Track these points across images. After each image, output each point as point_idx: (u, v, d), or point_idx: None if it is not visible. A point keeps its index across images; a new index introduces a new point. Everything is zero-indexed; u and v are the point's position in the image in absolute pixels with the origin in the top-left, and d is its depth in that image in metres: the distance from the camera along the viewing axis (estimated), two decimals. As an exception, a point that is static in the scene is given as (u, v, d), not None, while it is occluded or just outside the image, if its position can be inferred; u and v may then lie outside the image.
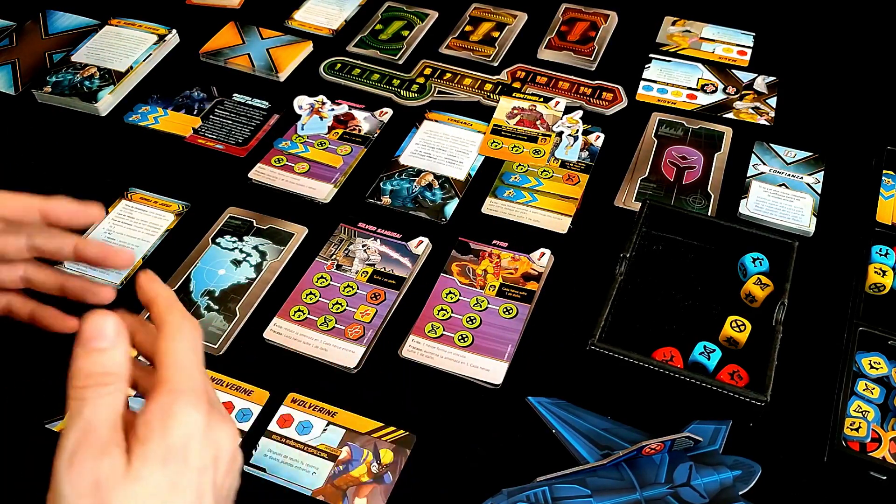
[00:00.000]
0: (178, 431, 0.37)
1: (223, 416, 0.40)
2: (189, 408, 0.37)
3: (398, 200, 0.77)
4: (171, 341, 0.41)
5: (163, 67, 0.93)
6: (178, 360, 0.40)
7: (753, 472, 0.57)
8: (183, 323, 0.42)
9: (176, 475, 0.36)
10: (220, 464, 0.38)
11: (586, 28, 0.96)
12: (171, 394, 0.38)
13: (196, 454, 0.37)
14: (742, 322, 0.63)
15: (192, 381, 0.39)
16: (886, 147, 0.79)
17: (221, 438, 0.38)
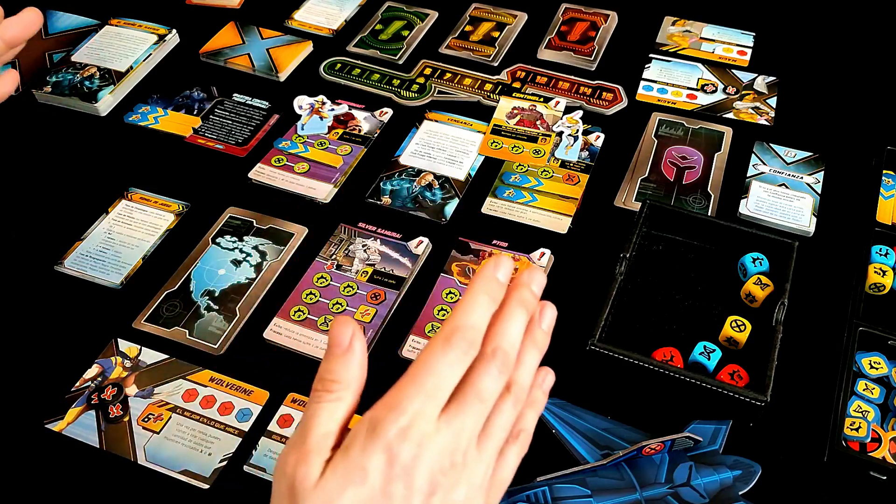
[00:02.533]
0: (373, 455, 0.36)
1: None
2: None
3: (398, 200, 0.77)
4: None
5: (163, 67, 0.93)
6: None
7: (753, 472, 0.57)
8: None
9: (358, 493, 0.35)
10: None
11: (586, 28, 0.96)
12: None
13: (380, 476, 0.35)
14: (742, 322, 0.63)
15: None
16: (886, 147, 0.79)
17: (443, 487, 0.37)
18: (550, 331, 0.42)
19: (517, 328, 0.40)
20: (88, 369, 0.65)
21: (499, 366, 0.38)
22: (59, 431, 0.61)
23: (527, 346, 0.41)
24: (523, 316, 0.40)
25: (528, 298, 0.41)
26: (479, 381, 0.38)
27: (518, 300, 0.40)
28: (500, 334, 0.39)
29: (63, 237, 0.74)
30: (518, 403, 0.40)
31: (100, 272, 0.72)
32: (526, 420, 0.42)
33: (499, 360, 0.39)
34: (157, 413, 0.62)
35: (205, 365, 0.65)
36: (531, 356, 0.41)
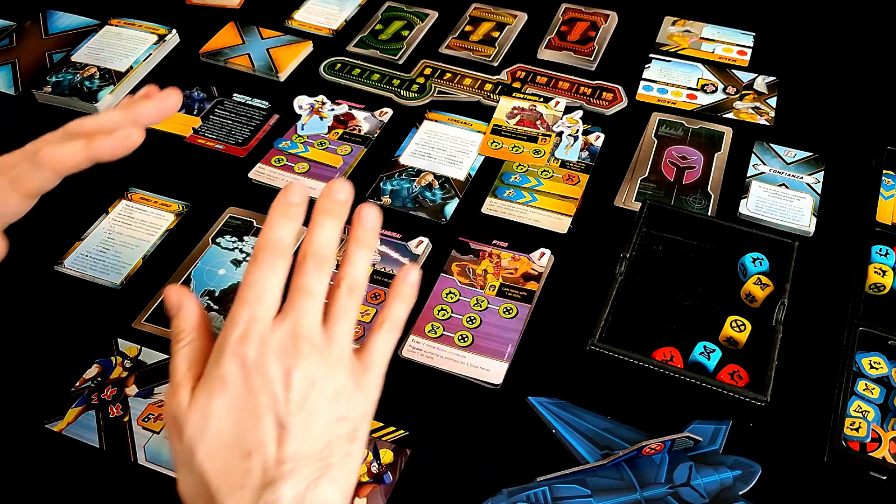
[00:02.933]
0: (225, 364, 0.41)
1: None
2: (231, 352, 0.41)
3: (398, 200, 0.77)
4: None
5: (163, 67, 0.93)
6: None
7: (753, 472, 0.57)
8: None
9: (225, 397, 0.40)
10: (295, 392, 0.40)
11: (586, 28, 0.96)
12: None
13: (238, 377, 0.40)
14: (742, 322, 0.63)
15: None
16: (886, 147, 0.79)
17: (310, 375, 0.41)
18: (376, 228, 0.45)
19: (326, 232, 0.43)
20: (88, 369, 0.65)
21: (313, 264, 0.43)
22: (59, 431, 0.61)
23: (351, 246, 0.45)
24: (330, 221, 0.44)
25: (331, 207, 0.44)
26: (300, 280, 0.42)
27: (320, 210, 0.44)
28: (307, 241, 0.43)
29: (63, 237, 0.74)
30: (354, 293, 0.44)
31: (100, 272, 0.72)
32: (392, 310, 0.45)
33: (310, 258, 0.43)
34: (157, 413, 0.62)
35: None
36: (360, 254, 0.44)
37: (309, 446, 0.40)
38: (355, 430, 0.42)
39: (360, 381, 0.43)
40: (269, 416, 0.40)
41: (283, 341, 0.41)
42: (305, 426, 0.40)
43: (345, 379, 0.42)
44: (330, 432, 0.41)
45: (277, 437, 0.40)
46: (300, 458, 0.40)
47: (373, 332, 0.45)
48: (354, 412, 0.42)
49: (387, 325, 0.45)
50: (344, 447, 0.41)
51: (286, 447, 0.39)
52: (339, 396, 0.42)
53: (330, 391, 0.41)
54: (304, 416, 0.40)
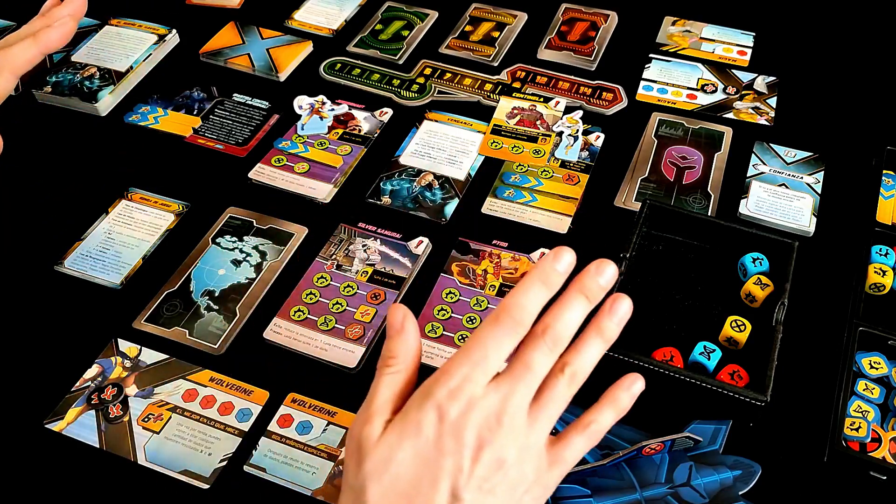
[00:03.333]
0: (426, 412, 0.40)
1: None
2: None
3: (398, 200, 0.77)
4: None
5: (163, 67, 0.93)
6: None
7: (753, 472, 0.57)
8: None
9: (413, 445, 0.40)
10: (483, 462, 0.40)
11: (586, 28, 0.96)
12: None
13: (433, 430, 0.40)
14: (742, 322, 0.63)
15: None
16: (886, 147, 0.79)
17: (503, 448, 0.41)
18: (621, 324, 0.43)
19: (573, 312, 0.42)
20: (88, 369, 0.65)
21: (548, 342, 0.41)
22: (59, 431, 0.61)
23: (590, 334, 0.43)
24: (582, 301, 0.42)
25: (591, 286, 0.43)
26: (528, 353, 0.41)
27: (578, 287, 0.43)
28: (552, 315, 0.42)
29: (63, 237, 0.74)
30: (573, 382, 0.42)
31: (100, 272, 0.72)
32: (601, 415, 0.44)
33: (548, 337, 0.41)
34: (157, 413, 0.62)
35: (205, 365, 0.65)
36: (594, 344, 0.43)
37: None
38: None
39: (543, 475, 0.42)
40: (448, 482, 0.39)
41: (488, 413, 0.40)
42: (478, 501, 0.40)
43: (531, 470, 0.41)
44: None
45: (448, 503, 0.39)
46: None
47: (574, 431, 0.43)
48: (527, 499, 0.42)
49: (591, 430, 0.44)
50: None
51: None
52: (520, 485, 0.41)
53: (514, 478, 0.41)
54: (480, 495, 0.40)
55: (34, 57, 0.56)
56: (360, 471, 0.40)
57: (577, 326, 0.42)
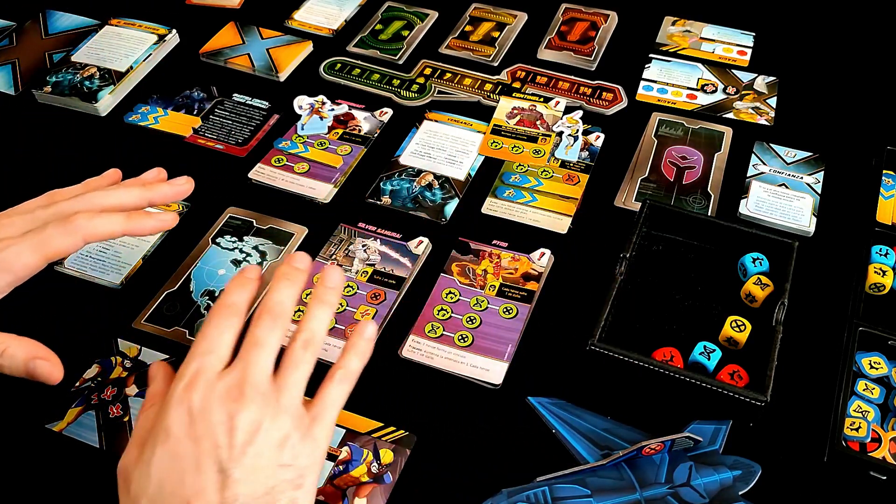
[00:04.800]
0: (170, 414, 0.42)
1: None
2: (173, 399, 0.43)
3: (398, 200, 0.77)
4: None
5: (163, 67, 0.93)
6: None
7: (753, 472, 0.57)
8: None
9: (166, 448, 0.41)
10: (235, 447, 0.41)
11: (586, 28, 0.96)
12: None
13: (182, 427, 0.41)
14: (742, 322, 0.63)
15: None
16: (886, 147, 0.79)
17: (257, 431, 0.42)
18: (337, 290, 0.48)
19: (283, 294, 0.45)
20: (88, 369, 0.65)
21: (267, 316, 0.44)
22: (59, 431, 0.61)
23: (312, 303, 0.46)
24: (288, 284, 0.46)
25: (290, 272, 0.47)
26: (252, 331, 0.44)
27: (279, 275, 0.47)
28: (264, 299, 0.45)
29: (63, 237, 0.74)
30: (309, 346, 0.45)
31: (100, 272, 0.72)
32: (347, 361, 0.47)
33: (265, 313, 0.44)
34: (157, 413, 0.62)
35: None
36: (320, 310, 0.46)
37: (252, 490, 0.40)
38: (301, 477, 0.42)
39: (308, 431, 0.43)
40: (210, 462, 0.40)
41: (229, 387, 0.41)
42: (248, 470, 0.40)
43: (291, 427, 0.42)
44: (274, 477, 0.41)
45: (219, 483, 0.40)
46: (243, 503, 0.40)
47: (325, 383, 0.45)
48: (301, 461, 0.42)
49: (339, 376, 0.46)
50: (289, 493, 0.41)
51: (227, 492, 0.39)
52: (285, 443, 0.42)
53: (276, 437, 0.41)
54: (247, 461, 0.40)
55: (115, 236, 0.55)
56: (129, 495, 0.41)
57: (291, 304, 0.45)
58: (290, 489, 0.41)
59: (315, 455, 0.43)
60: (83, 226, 0.53)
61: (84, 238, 0.53)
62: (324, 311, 0.46)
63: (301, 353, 0.44)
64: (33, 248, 0.52)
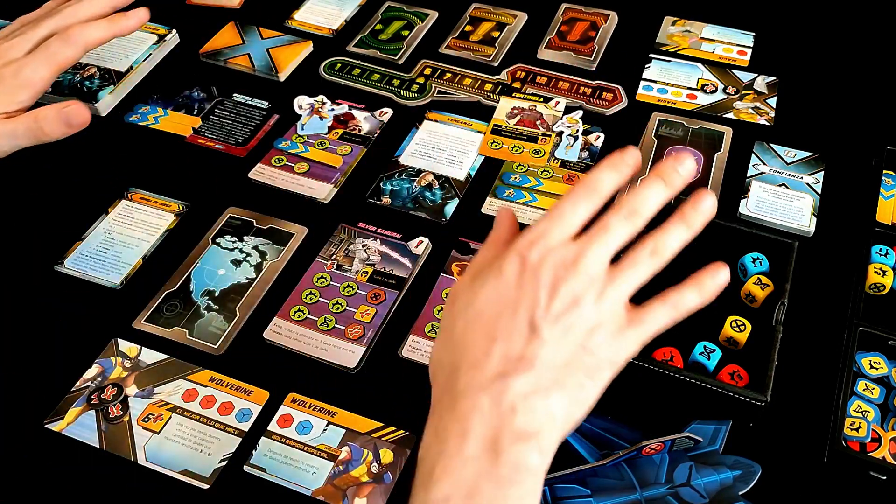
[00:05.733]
0: (508, 258, 0.44)
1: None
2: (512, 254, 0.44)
3: (398, 200, 0.77)
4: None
5: (163, 67, 0.93)
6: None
7: (753, 472, 0.57)
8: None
9: (495, 286, 0.43)
10: (560, 300, 0.42)
11: (586, 28, 0.96)
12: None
13: (514, 273, 0.43)
14: (742, 322, 0.63)
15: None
16: (886, 147, 0.79)
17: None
18: (705, 216, 0.46)
19: (649, 190, 0.45)
20: (88, 369, 0.65)
21: (624, 210, 0.44)
22: (59, 431, 0.61)
23: (674, 219, 0.45)
24: (659, 183, 0.45)
25: (670, 173, 0.45)
26: (604, 217, 0.44)
27: (656, 171, 0.46)
28: (630, 192, 0.45)
29: (63, 237, 0.74)
30: (656, 256, 0.45)
31: (100, 272, 0.72)
32: (684, 294, 0.46)
33: (624, 206, 0.44)
34: (157, 413, 0.62)
35: (205, 365, 0.65)
36: (677, 228, 0.45)
37: (551, 357, 0.41)
38: (598, 368, 0.42)
39: (621, 330, 0.43)
40: (526, 314, 0.42)
41: (565, 257, 0.43)
42: (555, 338, 0.41)
43: (607, 319, 0.43)
44: (575, 356, 0.42)
45: (527, 335, 0.41)
46: (539, 363, 0.41)
47: (656, 299, 0.45)
48: (603, 352, 0.43)
49: (672, 301, 0.45)
50: (581, 377, 0.42)
51: (530, 347, 0.41)
52: (596, 330, 0.42)
53: (590, 320, 0.42)
54: (556, 329, 0.42)
55: (105, 39, 0.61)
56: (450, 312, 0.45)
57: (654, 205, 0.45)
58: (583, 373, 0.42)
59: (619, 355, 0.43)
60: (80, 35, 0.59)
61: (84, 46, 0.60)
62: (682, 231, 0.45)
63: (645, 258, 0.44)
64: (45, 63, 0.59)
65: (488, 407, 0.40)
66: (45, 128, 0.59)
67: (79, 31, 0.60)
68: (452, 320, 0.44)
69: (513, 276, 0.43)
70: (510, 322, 0.42)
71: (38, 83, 0.59)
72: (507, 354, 0.41)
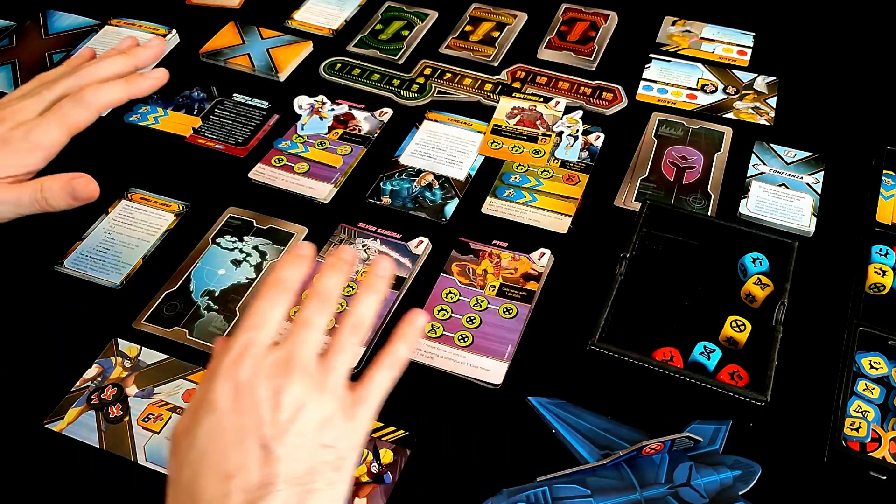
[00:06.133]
0: (216, 386, 0.42)
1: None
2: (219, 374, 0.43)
3: (398, 200, 0.77)
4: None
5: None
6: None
7: (753, 473, 0.57)
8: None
9: (211, 420, 0.41)
10: (282, 425, 0.41)
11: (586, 28, 0.96)
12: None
13: (227, 400, 0.41)
14: (742, 322, 0.63)
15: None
16: (886, 147, 0.79)
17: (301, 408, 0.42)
18: (388, 279, 0.48)
19: (331, 280, 0.46)
20: (88, 369, 0.65)
21: (316, 299, 0.45)
22: (59, 431, 0.61)
23: (362, 290, 0.47)
24: (336, 273, 0.47)
25: (338, 263, 0.47)
26: (301, 313, 0.45)
27: (327, 265, 0.47)
28: (312, 284, 0.46)
29: (63, 237, 0.74)
30: (357, 331, 0.45)
31: (100, 272, 0.72)
32: (395, 348, 0.47)
33: (313, 296, 0.45)
34: (157, 413, 0.62)
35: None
36: (369, 298, 0.47)
37: (293, 469, 0.40)
38: (341, 459, 0.42)
39: (350, 414, 0.43)
40: (254, 438, 0.40)
41: (276, 364, 0.42)
42: (290, 449, 0.40)
43: (335, 408, 0.42)
44: (315, 458, 0.41)
45: (261, 458, 0.40)
46: (283, 480, 0.39)
47: (372, 367, 0.45)
48: (342, 443, 0.42)
49: (387, 363, 0.46)
50: (328, 475, 0.41)
51: (268, 469, 0.39)
52: (328, 424, 0.42)
53: (318, 417, 0.41)
54: (289, 439, 0.40)
55: (121, 101, 0.60)
56: (174, 459, 0.42)
57: (338, 290, 0.46)
58: (329, 471, 0.41)
59: (356, 438, 0.43)
60: (94, 97, 0.58)
61: (97, 108, 0.59)
62: (372, 298, 0.47)
63: (348, 337, 0.45)
64: (57, 125, 0.58)
65: None
66: (50, 199, 0.57)
67: (92, 93, 0.58)
68: (178, 468, 0.41)
69: (227, 402, 0.41)
70: (239, 453, 0.40)
71: (50, 146, 0.57)
72: (247, 487, 0.39)
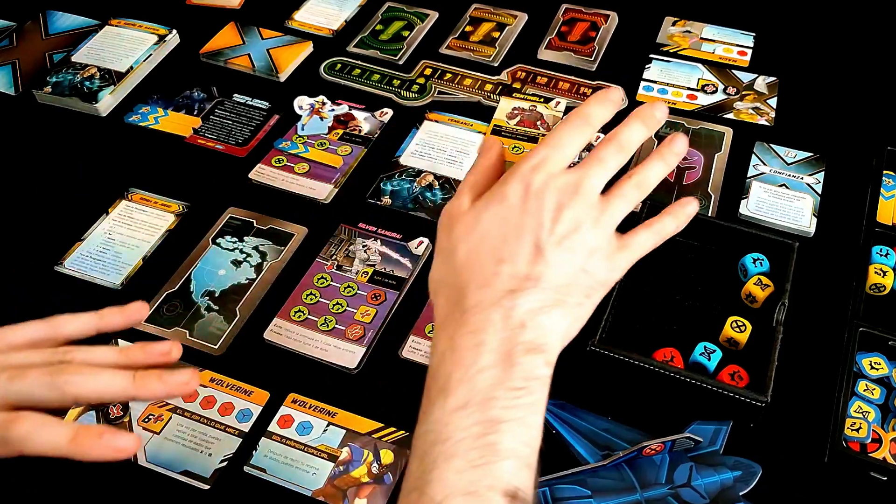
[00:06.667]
0: (511, 184, 0.46)
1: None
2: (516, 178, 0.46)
3: (398, 201, 0.77)
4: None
5: (163, 68, 0.93)
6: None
7: (754, 473, 0.57)
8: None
9: (499, 210, 0.45)
10: (564, 223, 0.44)
11: (586, 28, 0.96)
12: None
13: (518, 197, 0.45)
14: (742, 322, 0.63)
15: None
16: (886, 147, 0.79)
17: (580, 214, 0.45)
18: (680, 155, 0.49)
19: (634, 131, 0.48)
20: (88, 370, 0.64)
21: (615, 143, 0.47)
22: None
23: (653, 157, 0.48)
24: (641, 126, 0.48)
25: (647, 116, 0.48)
26: (597, 150, 0.47)
27: (636, 114, 0.48)
28: (617, 128, 0.48)
29: (63, 237, 0.74)
30: (640, 188, 0.47)
31: (100, 273, 0.72)
32: (665, 220, 0.49)
33: (615, 139, 0.47)
34: (158, 413, 0.62)
35: (205, 365, 0.65)
36: (657, 164, 0.48)
37: (554, 277, 0.44)
38: (593, 288, 0.45)
39: (612, 255, 0.46)
40: (531, 237, 0.44)
41: (566, 184, 0.45)
42: (558, 259, 0.44)
43: (602, 243, 0.46)
44: (575, 276, 0.44)
45: (532, 256, 0.44)
46: (544, 282, 0.43)
47: (640, 227, 0.48)
48: (598, 275, 0.45)
49: (655, 228, 0.49)
50: (580, 297, 0.45)
51: (536, 267, 0.44)
52: (593, 254, 0.45)
53: (588, 244, 0.45)
54: (559, 250, 0.44)
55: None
56: (450, 235, 0.46)
57: (638, 141, 0.47)
58: (581, 293, 0.45)
59: (610, 277, 0.46)
60: (75, 389, 0.47)
61: (73, 398, 0.47)
62: (660, 166, 0.48)
63: (630, 190, 0.47)
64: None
65: (500, 322, 0.42)
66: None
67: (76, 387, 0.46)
68: (454, 244, 0.46)
69: (517, 200, 0.45)
70: (516, 244, 0.44)
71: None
72: (515, 274, 0.43)
